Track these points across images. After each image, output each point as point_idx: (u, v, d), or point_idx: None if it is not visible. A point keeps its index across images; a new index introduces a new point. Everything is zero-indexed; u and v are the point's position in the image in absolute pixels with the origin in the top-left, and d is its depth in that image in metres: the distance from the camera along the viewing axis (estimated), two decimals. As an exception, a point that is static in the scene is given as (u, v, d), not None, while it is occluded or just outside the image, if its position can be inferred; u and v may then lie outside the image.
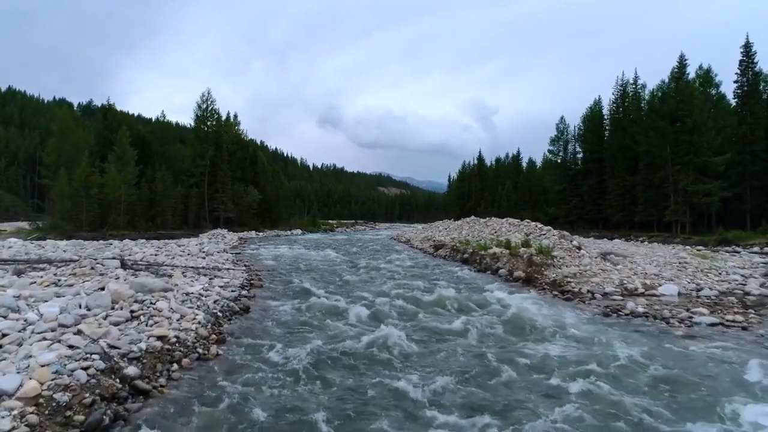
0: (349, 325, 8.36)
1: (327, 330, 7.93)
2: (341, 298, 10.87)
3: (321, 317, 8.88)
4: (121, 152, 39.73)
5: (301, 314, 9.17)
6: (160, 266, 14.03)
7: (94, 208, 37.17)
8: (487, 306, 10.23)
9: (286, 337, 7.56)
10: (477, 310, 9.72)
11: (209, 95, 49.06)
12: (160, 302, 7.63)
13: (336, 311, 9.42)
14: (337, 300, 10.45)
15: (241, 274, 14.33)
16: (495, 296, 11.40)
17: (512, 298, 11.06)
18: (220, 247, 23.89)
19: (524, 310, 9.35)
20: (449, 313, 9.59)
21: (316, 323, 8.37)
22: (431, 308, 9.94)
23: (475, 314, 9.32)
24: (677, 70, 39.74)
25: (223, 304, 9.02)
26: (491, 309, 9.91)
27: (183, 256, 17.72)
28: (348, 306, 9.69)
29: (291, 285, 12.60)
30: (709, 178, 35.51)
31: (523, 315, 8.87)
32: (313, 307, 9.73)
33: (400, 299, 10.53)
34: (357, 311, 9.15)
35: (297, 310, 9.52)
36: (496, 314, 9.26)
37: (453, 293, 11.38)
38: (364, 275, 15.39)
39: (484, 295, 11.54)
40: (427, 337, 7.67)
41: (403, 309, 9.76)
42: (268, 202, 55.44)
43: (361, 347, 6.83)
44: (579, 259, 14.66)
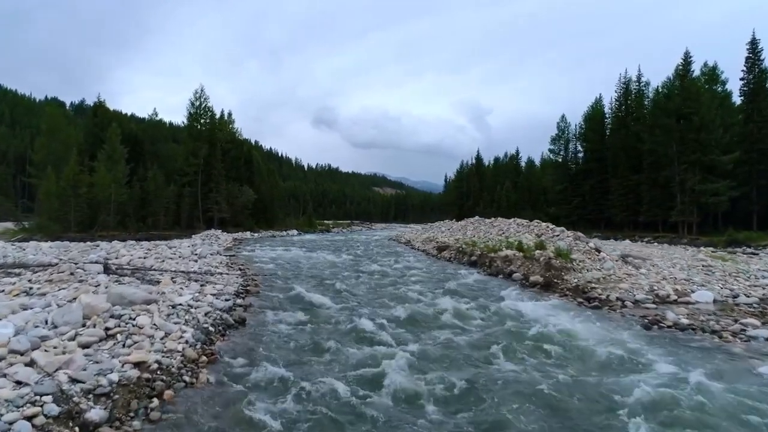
0: (359, 344, 7.27)
1: (334, 353, 6.80)
2: (345, 308, 9.82)
3: (325, 334, 7.79)
4: (110, 150, 38.38)
5: (304, 330, 8.08)
6: (148, 271, 12.91)
7: (82, 208, 35.82)
8: (514, 318, 9.19)
9: (288, 358, 6.47)
10: (505, 324, 8.64)
11: (202, 92, 47.83)
12: (141, 317, 6.52)
13: (341, 326, 8.33)
14: (341, 311, 9.39)
15: (236, 279, 13.22)
16: (517, 305, 10.39)
17: (537, 308, 10.05)
18: (214, 248, 22.75)
19: (559, 325, 8.30)
20: (476, 328, 8.47)
21: (320, 342, 7.25)
22: (452, 321, 8.87)
23: (504, 329, 8.22)
24: (682, 67, 38.90)
25: (215, 317, 7.91)
26: (520, 321, 8.88)
27: (173, 259, 16.59)
28: (355, 319, 8.59)
29: (291, 292, 11.49)
30: (716, 177, 34.64)
31: (563, 333, 7.78)
32: (317, 320, 8.68)
33: (413, 310, 9.48)
34: (365, 326, 8.06)
35: (299, 325, 8.43)
36: (529, 328, 8.20)
37: (472, 303, 10.35)
38: (368, 280, 14.32)
39: (506, 304, 10.51)
40: (460, 365, 6.50)
41: (419, 323, 8.69)
42: (264, 202, 54.20)
43: (374, 380, 5.71)
44: (600, 263, 13.63)
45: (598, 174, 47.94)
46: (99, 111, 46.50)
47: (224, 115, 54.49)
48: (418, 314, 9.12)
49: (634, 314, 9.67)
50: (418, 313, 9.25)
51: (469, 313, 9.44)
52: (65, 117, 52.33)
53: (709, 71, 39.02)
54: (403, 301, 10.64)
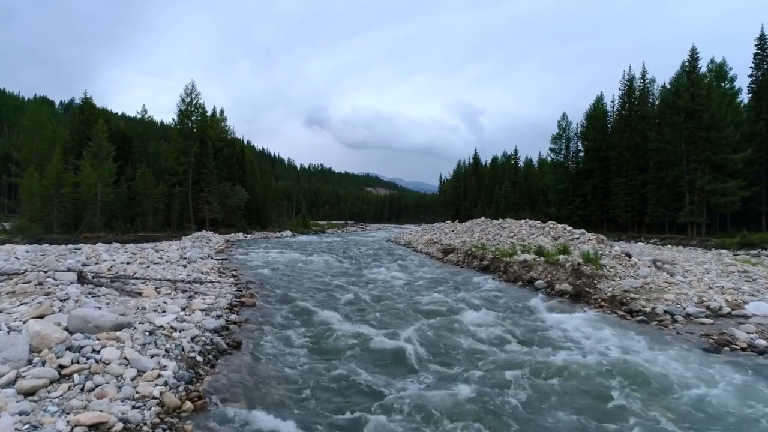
0: (381, 376, 5.89)
1: (356, 393, 5.41)
2: (357, 325, 8.41)
3: (339, 364, 6.40)
4: (97, 148, 36.66)
5: (312, 357, 6.67)
6: (129, 279, 11.46)
7: (66, 209, 34.10)
8: (559, 340, 7.84)
9: (297, 401, 5.07)
10: (551, 348, 7.26)
11: (193, 88, 46.02)
12: (108, 349, 5.07)
13: (356, 353, 6.92)
14: (352, 330, 7.96)
15: (229, 288, 11.78)
16: (554, 321, 9.09)
17: (578, 324, 8.75)
18: (205, 252, 21.23)
19: (618, 351, 6.97)
20: (521, 356, 7.07)
21: (336, 376, 5.86)
22: (489, 348, 7.49)
23: (556, 361, 6.84)
24: (688, 64, 37.84)
25: (204, 341, 6.49)
26: (567, 344, 7.54)
27: (160, 265, 15.10)
28: (372, 343, 7.21)
29: (291, 304, 10.08)
30: (725, 177, 33.54)
31: (630, 365, 6.44)
32: (326, 343, 7.29)
33: (438, 329, 8.12)
34: (384, 353, 6.71)
35: (305, 348, 7.03)
36: (584, 353, 6.87)
37: (501, 318, 8.99)
38: (375, 289, 12.92)
39: (541, 320, 9.22)
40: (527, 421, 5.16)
41: (448, 345, 7.33)
42: (256, 203, 52.55)
43: None
44: (633, 269, 12.33)
45: (600, 173, 46.77)
46: (86, 108, 44.65)
47: (216, 112, 52.87)
48: (446, 337, 7.74)
49: (692, 332, 8.38)
50: (445, 335, 7.86)
51: (503, 334, 8.07)
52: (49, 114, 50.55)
53: (717, 68, 37.93)
54: (423, 316, 9.27)
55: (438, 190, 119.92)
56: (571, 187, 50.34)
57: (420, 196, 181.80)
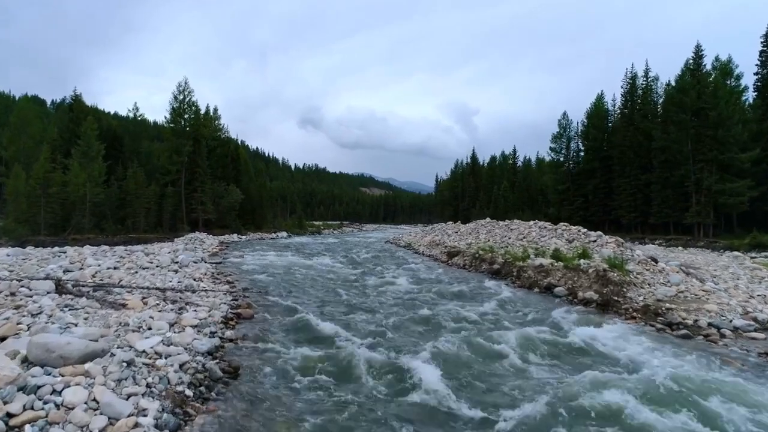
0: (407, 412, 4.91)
1: None
2: (369, 343, 7.42)
3: (356, 396, 5.41)
4: (86, 146, 35.39)
5: (321, 386, 5.66)
6: (114, 288, 10.41)
7: (54, 209, 32.83)
8: (598, 357, 6.89)
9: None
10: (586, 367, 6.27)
11: (186, 85, 44.73)
12: (72, 389, 4.05)
13: (373, 380, 5.94)
14: (365, 349, 6.96)
15: (224, 297, 10.75)
16: (586, 334, 8.16)
17: (614, 339, 7.84)
18: (198, 255, 20.16)
19: (671, 372, 6.01)
20: (557, 376, 6.12)
21: (353, 414, 4.86)
22: (520, 365, 6.54)
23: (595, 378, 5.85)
24: (693, 62, 37.07)
25: (196, 368, 5.48)
26: (607, 361, 6.59)
27: (149, 270, 14.04)
28: (389, 366, 6.22)
29: (293, 317, 9.08)
30: (731, 176, 32.75)
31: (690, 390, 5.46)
32: (336, 366, 6.27)
33: (461, 347, 7.15)
34: (405, 378, 5.74)
35: (311, 373, 6.01)
36: (630, 371, 5.90)
37: (525, 332, 8.00)
38: (383, 297, 11.94)
39: (568, 332, 8.30)
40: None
41: (476, 373, 6.36)
42: (251, 203, 51.35)
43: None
44: (662, 275, 11.39)
45: (602, 173, 45.93)
46: (75, 106, 43.32)
47: (209, 110, 51.68)
48: (471, 361, 6.75)
49: (747, 348, 7.47)
50: (470, 359, 6.87)
51: (535, 355, 7.11)
52: (38, 112, 49.26)
53: (722, 65, 37.13)
54: (441, 333, 8.27)
55: (434, 191, 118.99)
56: (572, 187, 49.48)
57: (415, 197, 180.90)
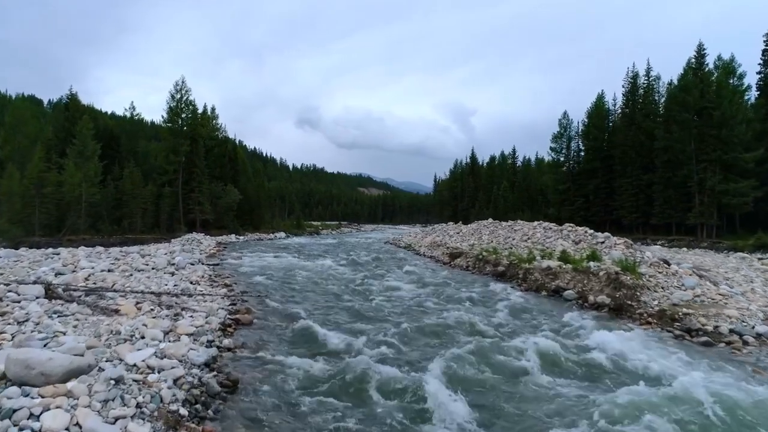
0: None
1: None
2: (376, 353, 7.01)
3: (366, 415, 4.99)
4: (81, 146, 34.90)
5: (328, 405, 5.24)
6: (107, 292, 9.98)
7: (48, 210, 32.35)
8: (622, 370, 6.50)
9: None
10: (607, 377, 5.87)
11: (183, 84, 44.20)
12: (52, 412, 3.63)
13: (383, 396, 5.51)
14: (372, 360, 6.54)
15: (221, 302, 10.34)
16: (597, 338, 7.87)
17: (632, 346, 7.49)
18: (195, 256, 19.71)
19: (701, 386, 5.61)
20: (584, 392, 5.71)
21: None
22: (541, 379, 6.13)
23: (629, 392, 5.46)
24: (695, 61, 36.74)
25: (191, 383, 5.06)
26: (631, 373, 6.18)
27: (145, 272, 13.61)
28: (400, 383, 5.80)
29: (295, 324, 8.67)
30: (735, 177, 32.39)
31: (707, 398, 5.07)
32: (343, 379, 5.84)
33: (470, 358, 6.74)
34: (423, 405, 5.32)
35: (320, 391, 5.59)
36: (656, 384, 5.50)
37: (539, 340, 7.59)
38: (389, 302, 11.51)
39: (584, 339, 7.91)
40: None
41: (495, 391, 5.95)
42: (249, 203, 50.85)
43: None
44: (676, 279, 11.01)
45: (603, 173, 45.56)
46: (71, 105, 42.77)
47: (207, 110, 51.18)
48: (495, 379, 6.32)
49: (774, 357, 7.07)
50: (492, 374, 6.44)
51: (558, 371, 6.71)
52: (36, 112, 48.66)
53: (724, 64, 36.75)
54: (452, 343, 7.86)
55: (432, 191, 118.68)
56: (573, 187, 49.11)
57: (413, 197, 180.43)
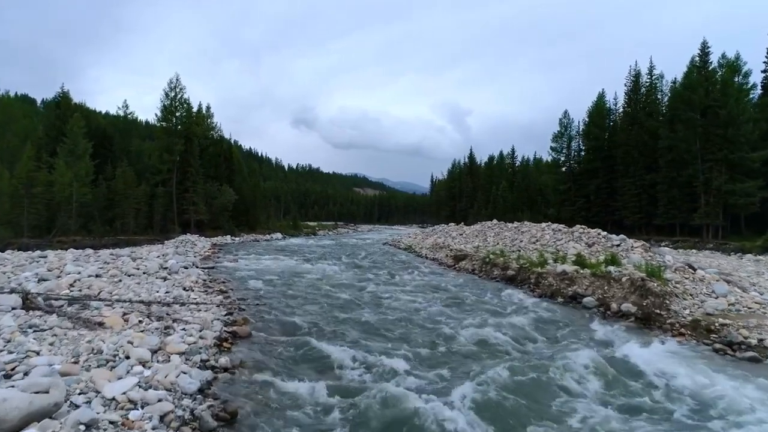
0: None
1: None
2: (391, 376, 6.24)
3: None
4: (72, 144, 33.94)
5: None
6: (92, 301, 9.17)
7: (38, 210, 31.38)
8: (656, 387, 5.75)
9: None
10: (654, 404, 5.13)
11: (178, 82, 43.20)
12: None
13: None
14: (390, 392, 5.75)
15: (217, 310, 9.53)
16: (629, 352, 7.19)
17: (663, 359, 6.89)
18: (189, 259, 18.88)
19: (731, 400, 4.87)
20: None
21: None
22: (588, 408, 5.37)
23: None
24: (699, 59, 36.13)
25: (181, 420, 4.27)
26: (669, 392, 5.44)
27: (135, 278, 12.81)
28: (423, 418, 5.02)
29: (296, 337, 7.90)
30: (741, 176, 31.79)
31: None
32: (351, 409, 5.06)
33: (496, 382, 5.97)
34: None
35: (330, 424, 4.81)
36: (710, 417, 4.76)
37: (585, 361, 6.83)
38: (395, 313, 10.73)
39: (627, 356, 7.12)
40: None
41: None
42: (245, 203, 49.91)
43: None
44: (703, 285, 10.29)
45: (604, 173, 44.92)
46: (62, 103, 41.72)
47: (202, 108, 50.24)
48: (535, 410, 5.54)
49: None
50: (531, 405, 5.66)
51: (607, 397, 5.96)
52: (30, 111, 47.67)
53: (729, 63, 36.12)
54: (478, 360, 7.11)
55: (429, 191, 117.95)
56: (573, 187, 48.47)
57: (409, 197, 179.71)
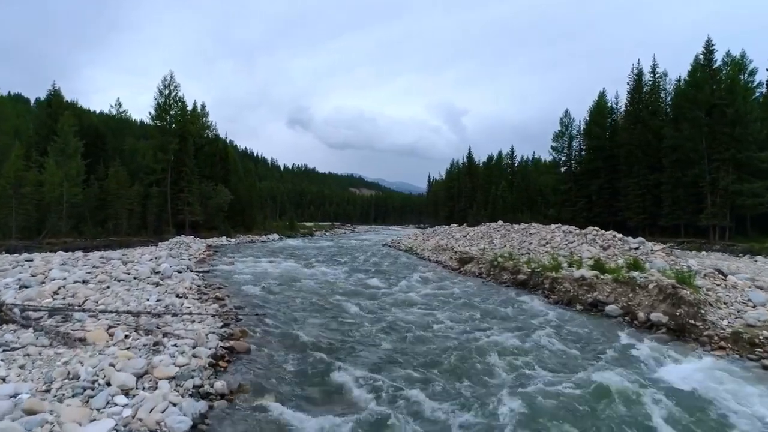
0: None
1: None
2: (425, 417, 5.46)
3: None
4: (63, 143, 32.97)
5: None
6: (75, 312, 8.34)
7: (27, 211, 30.39)
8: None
9: None
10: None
11: (172, 79, 42.21)
12: None
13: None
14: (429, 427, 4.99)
15: (212, 321, 8.73)
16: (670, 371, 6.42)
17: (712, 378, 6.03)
18: (183, 263, 18.02)
19: None
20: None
21: None
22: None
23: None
24: (704, 57, 35.51)
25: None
26: None
27: (125, 283, 11.97)
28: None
29: (302, 354, 7.12)
30: (747, 176, 31.17)
31: None
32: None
33: (537, 412, 5.20)
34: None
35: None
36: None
37: (625, 382, 6.08)
38: (409, 326, 9.95)
39: (674, 377, 6.35)
40: None
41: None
42: (241, 204, 48.96)
43: None
44: (737, 292, 9.56)
45: (606, 173, 44.24)
46: (53, 101, 40.68)
47: (197, 107, 49.29)
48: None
49: None
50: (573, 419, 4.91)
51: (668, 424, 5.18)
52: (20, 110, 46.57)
53: (733, 62, 35.48)
54: (513, 383, 6.33)
55: (426, 191, 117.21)
56: (575, 187, 47.80)
57: (405, 197, 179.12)
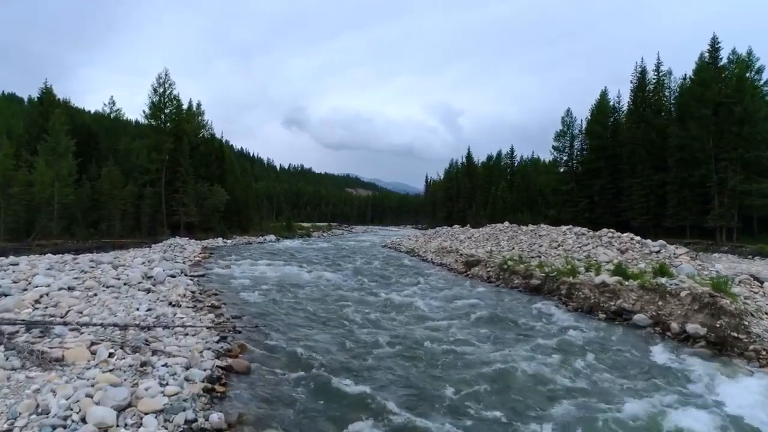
0: None
1: None
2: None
3: None
4: (54, 142, 32.01)
5: None
6: (54, 325, 7.52)
7: (16, 212, 29.46)
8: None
9: None
10: None
11: (167, 77, 41.26)
12: None
13: None
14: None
15: (207, 334, 7.92)
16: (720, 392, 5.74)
17: None
18: (177, 266, 17.15)
19: None
20: None
21: None
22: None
23: None
24: (709, 55, 34.88)
25: None
26: None
27: (114, 290, 11.14)
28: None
29: (307, 374, 6.33)
30: (755, 176, 30.54)
31: None
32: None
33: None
34: None
35: None
36: None
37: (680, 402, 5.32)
38: (424, 340, 9.19)
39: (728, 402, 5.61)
40: None
41: None
42: (237, 204, 47.98)
43: None
44: (778, 301, 8.82)
45: (608, 173, 43.53)
46: (45, 99, 39.67)
47: (192, 105, 48.30)
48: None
49: None
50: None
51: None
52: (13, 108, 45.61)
53: (740, 60, 34.80)
54: (554, 416, 5.56)
55: (423, 191, 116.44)
56: (576, 187, 47.08)
57: (402, 197, 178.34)
